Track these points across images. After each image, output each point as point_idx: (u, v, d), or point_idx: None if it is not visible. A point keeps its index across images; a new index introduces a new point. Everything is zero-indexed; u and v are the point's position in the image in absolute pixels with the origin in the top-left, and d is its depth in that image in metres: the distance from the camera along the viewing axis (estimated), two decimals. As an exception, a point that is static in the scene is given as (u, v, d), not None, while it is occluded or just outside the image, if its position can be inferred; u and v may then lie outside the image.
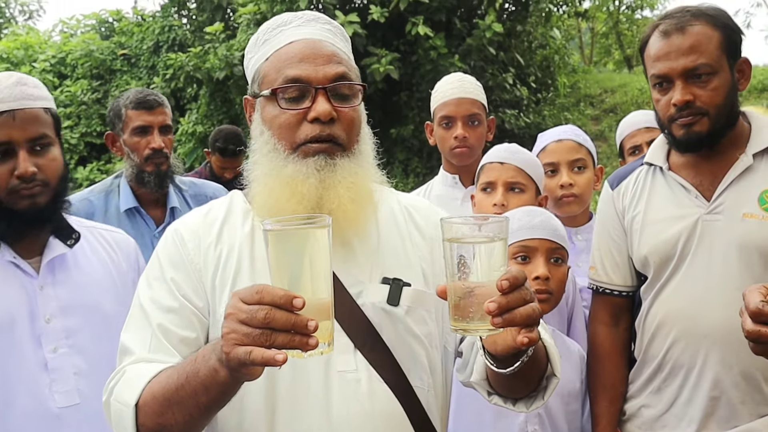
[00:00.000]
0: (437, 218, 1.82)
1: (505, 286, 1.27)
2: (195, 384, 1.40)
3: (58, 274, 2.19)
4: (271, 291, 1.24)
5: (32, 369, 2.07)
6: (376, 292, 1.67)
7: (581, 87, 16.35)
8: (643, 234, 2.29)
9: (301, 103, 1.63)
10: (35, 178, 2.10)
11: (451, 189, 3.34)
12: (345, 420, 1.57)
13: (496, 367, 1.48)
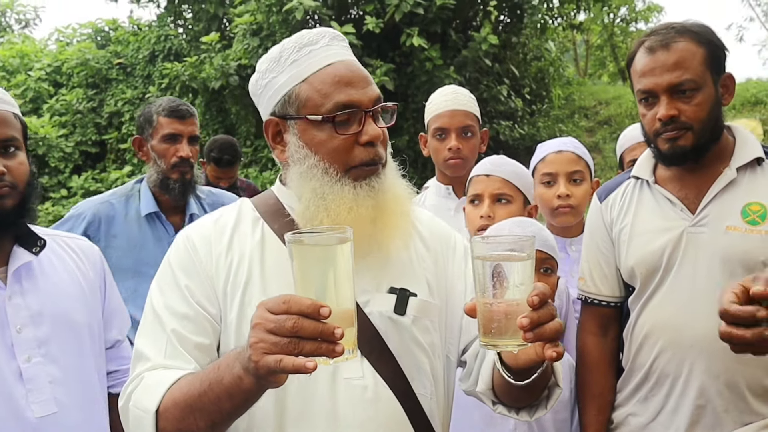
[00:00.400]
0: (440, 230, 1.90)
1: (536, 301, 1.33)
2: (218, 391, 1.44)
3: (25, 282, 2.14)
4: (298, 301, 1.29)
5: (7, 379, 2.03)
6: (384, 302, 1.71)
7: (576, 99, 16.43)
8: (630, 246, 2.33)
9: (350, 127, 1.67)
10: (3, 179, 2.07)
11: (444, 200, 3.37)
12: (351, 424, 1.62)
13: (513, 379, 1.52)
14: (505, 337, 1.36)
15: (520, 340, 1.34)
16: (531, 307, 1.33)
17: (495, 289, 1.36)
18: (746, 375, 2.14)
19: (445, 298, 1.82)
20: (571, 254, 2.96)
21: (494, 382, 1.67)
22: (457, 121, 3.23)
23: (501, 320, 1.36)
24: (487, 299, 1.37)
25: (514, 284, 1.35)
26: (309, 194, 1.69)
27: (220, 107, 13.74)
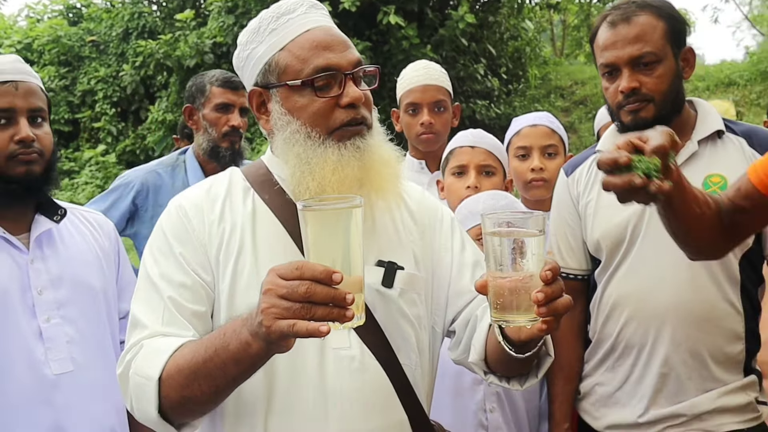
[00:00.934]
0: (428, 203, 1.92)
1: (549, 276, 1.35)
2: (225, 357, 1.46)
3: (46, 248, 2.28)
4: (311, 267, 1.31)
5: (28, 338, 2.16)
6: (372, 274, 1.72)
7: (552, 79, 16.47)
8: (595, 219, 2.36)
9: (330, 90, 1.69)
10: (33, 146, 2.22)
11: (417, 174, 3.38)
12: (338, 393, 1.65)
13: (515, 352, 1.54)
14: (518, 312, 1.38)
15: (532, 314, 1.37)
16: (544, 282, 1.35)
17: (509, 266, 1.37)
18: (708, 343, 2.19)
19: (431, 270, 1.84)
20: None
21: (487, 352, 1.69)
22: (429, 95, 3.24)
23: (515, 296, 1.37)
24: (501, 275, 1.38)
25: (528, 260, 1.37)
26: (294, 160, 1.70)
27: (195, 86, 13.60)
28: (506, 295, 1.38)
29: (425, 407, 1.80)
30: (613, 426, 2.33)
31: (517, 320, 1.39)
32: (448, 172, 2.83)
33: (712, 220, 1.81)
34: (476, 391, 2.39)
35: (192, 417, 1.61)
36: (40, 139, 2.25)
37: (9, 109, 2.21)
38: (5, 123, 2.20)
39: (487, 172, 2.75)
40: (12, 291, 2.17)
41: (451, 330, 1.86)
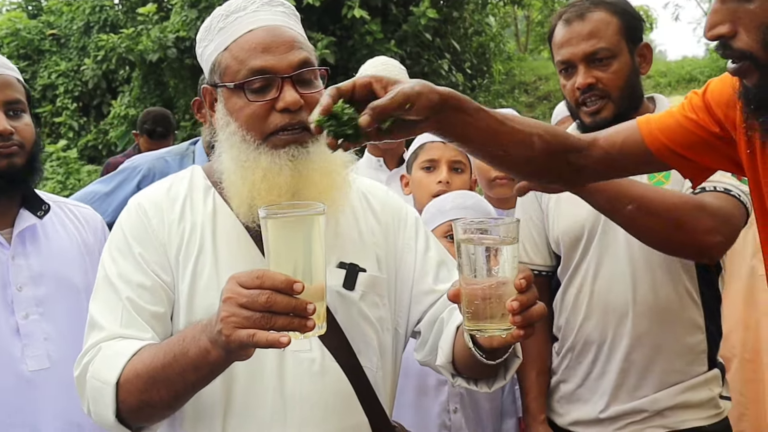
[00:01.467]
0: (392, 203, 1.89)
1: (523, 284, 1.34)
2: (184, 363, 1.44)
3: (28, 244, 2.25)
4: (271, 276, 1.30)
5: (5, 334, 2.14)
6: (333, 276, 1.69)
7: (516, 74, 16.58)
8: (556, 216, 2.38)
9: (267, 94, 1.63)
10: (12, 138, 2.18)
11: (375, 171, 3.39)
12: (298, 396, 1.63)
13: (486, 358, 1.53)
14: (492, 321, 1.36)
15: (507, 323, 1.35)
16: (519, 291, 1.34)
17: (483, 274, 1.35)
18: (667, 335, 2.21)
19: (394, 271, 1.82)
20: None
21: (455, 355, 1.68)
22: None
23: (488, 304, 1.35)
24: (474, 284, 1.35)
25: (501, 268, 1.35)
26: (229, 162, 1.68)
27: (158, 80, 13.47)
28: (479, 303, 1.36)
29: (387, 409, 1.78)
30: (576, 422, 2.35)
31: (491, 329, 1.37)
32: (416, 166, 2.80)
33: (527, 160, 1.66)
34: (440, 392, 2.38)
35: (150, 421, 1.60)
36: (19, 131, 2.21)
37: None
38: None
39: (458, 168, 2.74)
40: None
41: (416, 331, 1.84)
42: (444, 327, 1.74)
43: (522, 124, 1.61)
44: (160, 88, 13.66)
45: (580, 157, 1.71)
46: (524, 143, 1.60)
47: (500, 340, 1.41)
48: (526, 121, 1.65)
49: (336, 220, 1.74)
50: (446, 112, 1.45)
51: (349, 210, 1.79)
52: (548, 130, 1.67)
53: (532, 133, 1.61)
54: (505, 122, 1.57)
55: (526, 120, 1.66)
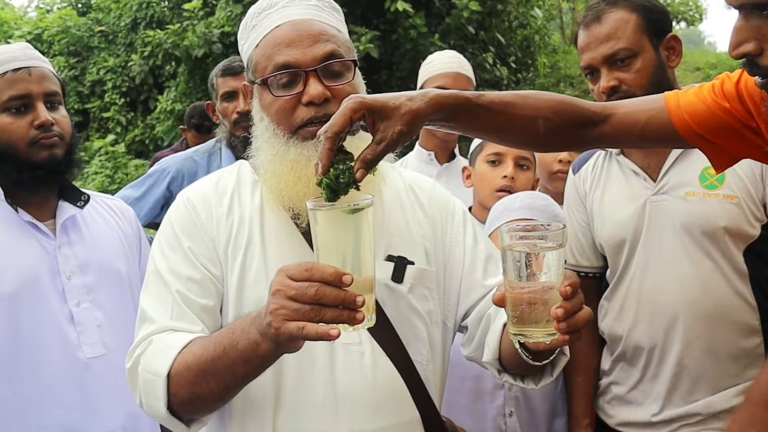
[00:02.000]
0: (440, 196, 1.88)
1: (569, 292, 1.33)
2: (233, 356, 1.45)
3: (72, 234, 2.30)
4: (321, 268, 1.30)
5: (61, 323, 2.19)
6: (381, 269, 1.68)
7: (561, 67, 16.37)
8: (600, 218, 2.34)
9: (293, 88, 1.66)
10: (53, 129, 2.23)
11: (425, 165, 3.36)
12: (349, 390, 1.63)
13: (532, 359, 1.53)
14: (536, 326, 1.36)
15: (551, 329, 1.34)
16: (564, 297, 1.33)
17: (528, 280, 1.35)
18: (721, 339, 2.16)
19: (443, 264, 1.82)
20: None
21: (501, 352, 1.67)
22: (461, 85, 3.24)
23: (533, 309, 1.35)
24: (519, 289, 1.36)
25: (547, 274, 1.34)
26: (263, 156, 1.71)
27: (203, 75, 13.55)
28: (524, 308, 1.36)
29: (437, 404, 1.77)
30: (626, 424, 2.31)
31: (535, 335, 1.37)
32: (481, 159, 2.73)
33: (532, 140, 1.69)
34: (496, 396, 2.35)
35: (201, 413, 1.61)
36: (58, 123, 2.26)
37: (25, 95, 2.21)
38: (24, 110, 2.21)
39: (523, 165, 2.68)
40: (42, 276, 2.19)
41: (463, 326, 1.84)
42: (491, 323, 1.73)
43: (527, 107, 1.60)
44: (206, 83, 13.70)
45: (594, 129, 1.69)
46: (528, 128, 1.62)
47: (545, 345, 1.40)
48: (533, 103, 1.62)
49: (383, 213, 1.75)
50: (438, 123, 1.52)
51: (396, 203, 1.80)
52: (557, 110, 1.64)
53: (537, 116, 1.61)
54: (506, 111, 1.57)
55: (534, 100, 1.63)
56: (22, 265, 2.18)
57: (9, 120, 2.21)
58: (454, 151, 3.57)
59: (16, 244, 2.20)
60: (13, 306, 2.13)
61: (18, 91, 2.21)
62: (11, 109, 2.21)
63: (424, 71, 3.36)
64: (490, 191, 2.63)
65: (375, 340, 1.67)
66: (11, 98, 2.20)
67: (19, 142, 2.20)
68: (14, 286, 2.14)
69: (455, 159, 3.54)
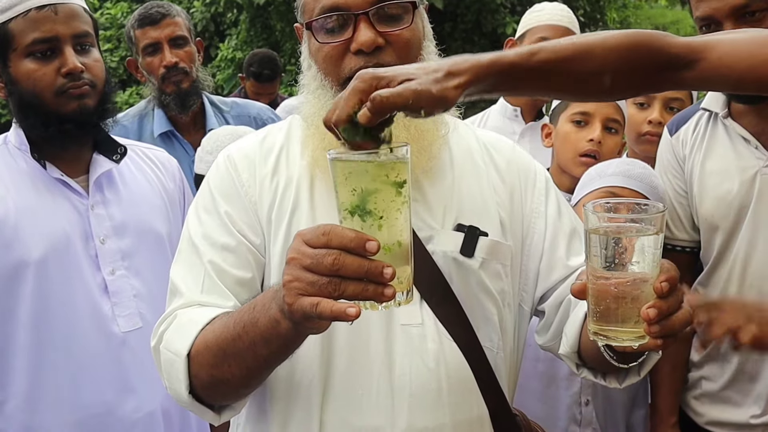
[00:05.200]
0: (520, 161, 1.64)
1: (665, 289, 1.11)
2: (253, 335, 1.26)
3: (107, 192, 2.09)
4: (339, 232, 1.08)
5: (94, 292, 2.00)
6: (449, 240, 1.50)
7: (632, 23, 15.88)
8: (700, 188, 2.10)
9: (342, 34, 1.45)
10: (83, 77, 1.99)
11: (509, 122, 3.16)
12: (407, 380, 1.43)
13: (617, 361, 1.35)
14: (622, 326, 1.14)
15: (641, 331, 1.13)
16: (658, 295, 1.11)
17: (616, 269, 1.13)
18: None
19: (520, 239, 1.60)
20: None
21: (581, 345, 1.47)
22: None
23: (620, 305, 1.13)
24: (603, 280, 1.14)
25: (639, 264, 1.12)
26: (308, 109, 1.52)
27: (264, 24, 13.48)
28: (609, 303, 1.14)
29: (508, 397, 1.57)
30: (718, 423, 2.11)
31: (621, 336, 1.15)
32: (565, 118, 2.46)
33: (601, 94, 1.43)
34: (572, 382, 2.13)
35: (226, 399, 1.43)
36: (89, 69, 2.01)
37: (51, 38, 1.96)
38: (50, 54, 1.97)
39: (612, 128, 2.42)
40: (74, 240, 1.99)
41: (540, 310, 1.63)
42: (571, 310, 1.52)
43: (590, 61, 1.30)
44: (267, 32, 13.67)
45: (675, 74, 1.38)
46: (591, 84, 1.33)
47: (632, 349, 1.18)
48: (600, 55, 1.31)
49: (453, 176, 1.55)
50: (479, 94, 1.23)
51: (468, 165, 1.59)
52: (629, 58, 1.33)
53: (603, 71, 1.32)
54: (564, 69, 1.28)
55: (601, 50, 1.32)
56: (51, 229, 1.97)
57: (34, 66, 1.97)
58: (542, 109, 3.34)
59: (45, 205, 1.99)
60: (42, 274, 1.94)
61: (43, 33, 1.96)
62: (36, 54, 1.97)
63: (529, 19, 3.13)
64: (572, 155, 2.40)
65: (440, 321, 1.46)
66: (35, 41, 1.96)
67: (46, 91, 1.97)
68: (43, 252, 1.94)
69: (542, 118, 3.29)
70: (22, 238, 1.94)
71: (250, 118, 3.28)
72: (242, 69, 5.89)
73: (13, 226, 1.94)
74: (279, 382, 1.46)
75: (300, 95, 1.57)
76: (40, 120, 2.00)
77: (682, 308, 1.15)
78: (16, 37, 1.97)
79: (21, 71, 1.99)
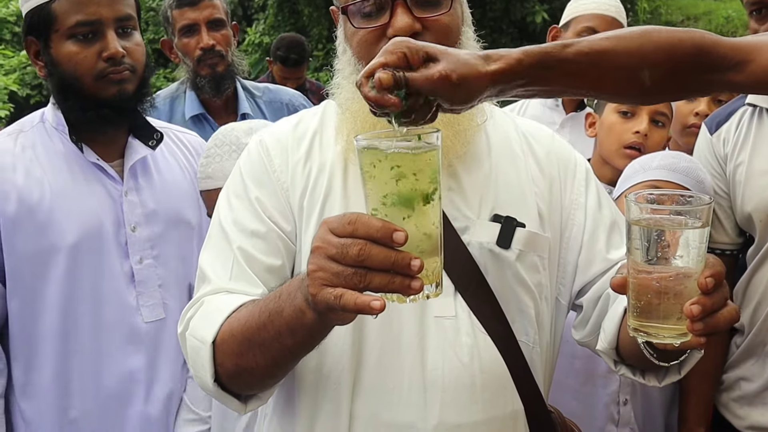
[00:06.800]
0: (559, 151, 1.59)
1: (710, 285, 1.07)
2: (279, 324, 1.23)
3: (141, 179, 2.07)
4: (366, 221, 1.04)
5: (120, 280, 1.99)
6: (485, 231, 1.46)
7: (662, 13, 15.67)
8: (746, 188, 2.01)
9: (379, 18, 1.41)
10: (124, 62, 1.98)
11: (549, 111, 3.10)
12: (439, 374, 1.40)
13: (657, 358, 1.30)
14: (664, 323, 1.09)
15: (683, 328, 1.08)
16: (703, 291, 1.07)
17: (658, 263, 1.08)
18: None
19: (559, 231, 1.55)
20: None
21: (620, 342, 1.42)
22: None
23: (662, 300, 1.09)
24: (645, 274, 1.10)
25: (683, 258, 1.08)
26: (342, 95, 1.48)
27: (292, 8, 13.45)
28: (650, 298, 1.09)
29: (543, 394, 1.53)
30: (759, 428, 2.03)
31: (662, 333, 1.11)
32: (611, 108, 2.41)
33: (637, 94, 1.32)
34: (611, 380, 2.07)
35: (252, 389, 1.39)
36: (131, 53, 1.99)
37: (94, 21, 1.94)
38: (92, 37, 1.94)
39: (659, 122, 2.35)
40: (106, 226, 1.99)
41: (577, 304, 1.58)
42: (609, 305, 1.48)
43: (629, 55, 1.23)
44: (295, 17, 13.64)
45: (721, 76, 1.30)
46: (630, 81, 1.26)
47: (673, 347, 1.14)
48: (638, 48, 1.24)
49: (490, 165, 1.50)
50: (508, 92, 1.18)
51: (506, 154, 1.54)
52: (671, 54, 1.25)
53: (642, 66, 1.24)
54: (601, 62, 1.21)
55: (640, 43, 1.25)
56: (85, 215, 1.97)
57: (75, 48, 1.95)
58: (584, 100, 3.27)
59: (80, 190, 1.98)
60: (73, 259, 1.94)
61: (87, 16, 1.93)
62: (78, 36, 1.94)
63: (575, 6, 3.05)
64: (617, 146, 2.34)
65: (474, 314, 1.43)
66: (78, 23, 1.93)
67: (86, 75, 1.95)
68: (76, 238, 1.94)
69: (584, 109, 3.22)
70: (57, 222, 1.94)
71: (282, 104, 3.25)
72: (269, 53, 5.87)
73: (48, 210, 1.94)
74: (308, 373, 1.43)
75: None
76: (79, 103, 1.99)
77: (727, 305, 1.11)
78: (59, 18, 1.95)
79: (62, 53, 1.97)
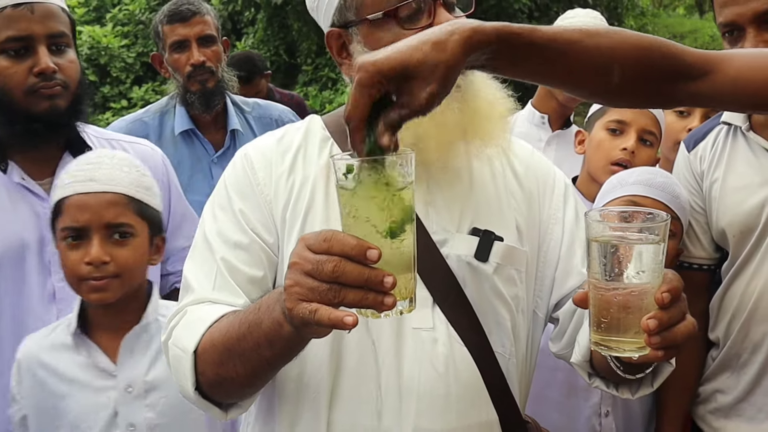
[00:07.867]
0: (538, 166, 1.63)
1: (666, 300, 1.10)
2: (257, 336, 1.27)
3: None
4: (341, 239, 1.07)
5: (39, 299, 1.97)
6: (464, 244, 1.49)
7: (649, 30, 15.79)
8: (721, 204, 2.05)
9: (419, 21, 1.41)
10: (55, 77, 1.97)
11: (535, 128, 3.12)
12: (416, 383, 1.43)
13: (623, 371, 1.34)
14: (623, 336, 1.12)
15: (641, 342, 1.11)
16: (659, 306, 1.10)
17: (615, 279, 1.11)
18: None
19: (537, 245, 1.58)
20: None
21: (593, 354, 1.46)
22: None
23: (622, 315, 1.11)
24: (603, 290, 1.12)
25: (639, 274, 1.11)
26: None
27: (282, 23, 13.49)
28: (610, 312, 1.12)
29: (519, 404, 1.56)
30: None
31: (621, 347, 1.14)
32: (600, 125, 2.44)
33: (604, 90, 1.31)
34: (592, 392, 2.11)
35: (233, 398, 1.42)
36: (63, 69, 1.99)
37: (25, 37, 1.94)
38: (23, 53, 1.95)
39: (647, 141, 2.40)
40: (30, 245, 1.97)
41: (554, 317, 1.62)
42: (585, 318, 1.50)
43: (599, 49, 1.22)
44: (284, 31, 13.69)
45: (688, 85, 1.29)
46: (599, 75, 1.24)
47: (633, 360, 1.17)
48: (608, 44, 1.23)
49: (470, 180, 1.53)
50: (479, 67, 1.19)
51: (486, 169, 1.57)
52: (641, 56, 1.25)
53: (613, 62, 1.23)
54: (569, 52, 1.20)
55: (610, 41, 1.23)
56: (6, 234, 1.96)
57: (6, 64, 1.95)
58: (570, 118, 3.30)
59: (4, 209, 1.97)
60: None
61: (18, 32, 1.94)
62: (9, 52, 1.95)
63: (562, 25, 3.10)
64: (604, 162, 2.37)
65: (451, 325, 1.45)
66: (9, 39, 1.94)
67: (16, 89, 1.95)
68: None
69: (570, 127, 3.26)
70: None
71: (272, 119, 3.25)
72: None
73: None
74: (288, 382, 1.47)
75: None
76: (7, 117, 1.98)
77: (685, 319, 1.14)
78: None
79: None
